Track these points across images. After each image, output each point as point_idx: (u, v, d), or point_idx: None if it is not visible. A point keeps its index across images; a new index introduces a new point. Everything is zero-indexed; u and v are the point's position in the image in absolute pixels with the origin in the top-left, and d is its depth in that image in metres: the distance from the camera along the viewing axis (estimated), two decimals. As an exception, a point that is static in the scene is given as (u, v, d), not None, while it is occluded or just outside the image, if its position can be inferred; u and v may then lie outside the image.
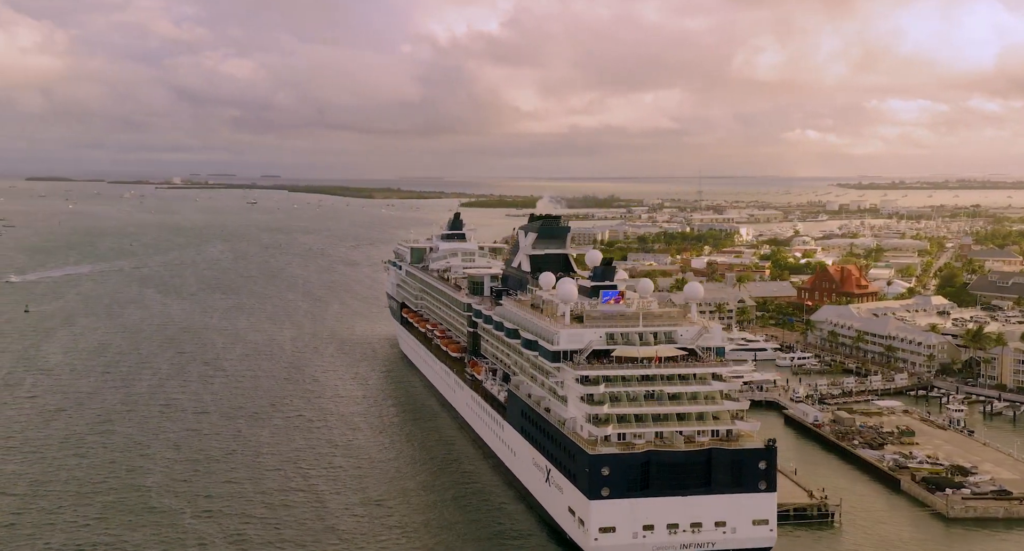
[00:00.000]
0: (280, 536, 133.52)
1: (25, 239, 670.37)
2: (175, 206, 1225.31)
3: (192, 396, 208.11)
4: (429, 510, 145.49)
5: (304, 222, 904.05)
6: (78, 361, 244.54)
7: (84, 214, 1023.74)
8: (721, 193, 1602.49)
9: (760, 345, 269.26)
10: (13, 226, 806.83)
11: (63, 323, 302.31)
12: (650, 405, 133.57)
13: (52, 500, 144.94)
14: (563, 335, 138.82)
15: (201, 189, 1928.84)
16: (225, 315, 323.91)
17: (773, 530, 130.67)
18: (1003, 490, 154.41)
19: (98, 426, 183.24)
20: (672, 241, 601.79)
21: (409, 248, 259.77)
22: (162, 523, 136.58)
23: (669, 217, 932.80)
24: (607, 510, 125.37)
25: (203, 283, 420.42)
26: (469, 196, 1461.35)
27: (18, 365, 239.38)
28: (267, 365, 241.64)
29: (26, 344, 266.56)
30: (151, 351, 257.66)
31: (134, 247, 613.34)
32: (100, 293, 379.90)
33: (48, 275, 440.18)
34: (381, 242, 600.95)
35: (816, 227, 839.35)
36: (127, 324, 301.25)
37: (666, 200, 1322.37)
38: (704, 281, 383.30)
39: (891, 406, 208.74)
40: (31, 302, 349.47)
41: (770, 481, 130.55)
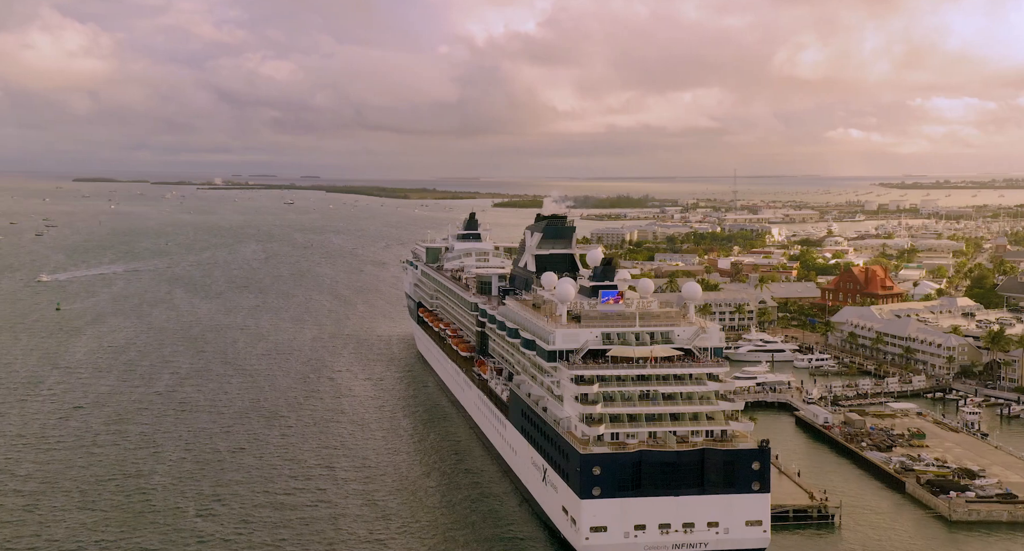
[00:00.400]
0: (280, 536, 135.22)
1: (65, 239, 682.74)
2: (214, 206, 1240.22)
3: (208, 395, 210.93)
4: (431, 509, 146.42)
5: (338, 222, 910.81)
6: (101, 359, 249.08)
7: (125, 214, 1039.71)
8: (758, 193, 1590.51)
9: (778, 346, 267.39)
10: (55, 226, 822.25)
11: (91, 322, 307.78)
12: (644, 405, 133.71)
13: (58, 498, 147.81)
14: (559, 335, 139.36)
15: (241, 190, 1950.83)
16: (250, 314, 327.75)
17: (767, 531, 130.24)
18: (1009, 494, 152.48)
19: (112, 425, 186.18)
20: (701, 241, 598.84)
21: (425, 248, 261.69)
22: (162, 522, 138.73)
23: (702, 217, 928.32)
24: (598, 509, 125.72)
25: (232, 283, 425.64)
26: (503, 196, 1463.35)
27: (43, 362, 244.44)
28: (285, 365, 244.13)
29: (53, 342, 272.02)
30: (173, 350, 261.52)
31: (169, 247, 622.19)
32: (131, 292, 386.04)
33: (79, 274, 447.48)
34: (412, 243, 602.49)
35: (852, 227, 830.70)
36: (153, 323, 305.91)
37: (701, 200, 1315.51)
38: (728, 282, 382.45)
39: (905, 408, 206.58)
40: (63, 300, 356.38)
41: (763, 482, 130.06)
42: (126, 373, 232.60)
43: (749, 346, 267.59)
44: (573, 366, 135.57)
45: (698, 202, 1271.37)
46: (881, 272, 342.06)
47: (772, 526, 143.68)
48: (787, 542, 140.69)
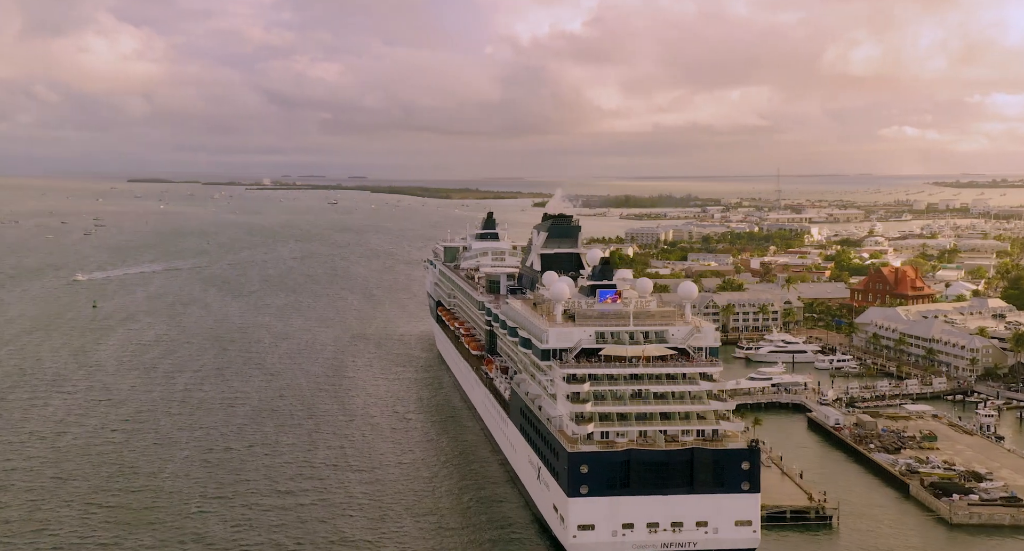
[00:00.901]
0: (276, 532, 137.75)
1: (111, 238, 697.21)
2: (260, 207, 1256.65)
3: (226, 393, 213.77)
4: (432, 509, 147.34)
5: (379, 222, 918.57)
6: (127, 356, 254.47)
7: (173, 214, 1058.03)
8: (805, 192, 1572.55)
9: (799, 347, 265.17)
10: (104, 226, 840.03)
11: (124, 320, 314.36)
12: (635, 404, 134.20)
13: (64, 491, 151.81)
14: (552, 333, 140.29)
15: (288, 190, 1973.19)
16: (277, 314, 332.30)
17: (756, 531, 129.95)
18: (1013, 497, 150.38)
19: (127, 421, 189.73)
20: (737, 241, 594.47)
21: (443, 247, 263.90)
22: (163, 518, 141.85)
23: (743, 216, 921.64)
24: (586, 508, 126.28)
25: (265, 282, 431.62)
26: (545, 195, 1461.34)
27: (72, 358, 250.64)
28: (305, 364, 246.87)
29: (85, 339, 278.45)
30: (198, 349, 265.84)
31: (210, 246, 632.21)
32: (166, 291, 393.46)
33: (116, 273, 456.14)
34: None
35: (897, 227, 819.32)
36: (183, 322, 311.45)
37: (745, 199, 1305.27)
38: (757, 282, 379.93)
39: (921, 410, 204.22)
40: (100, 298, 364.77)
41: (753, 482, 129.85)
42: (149, 370, 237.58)
43: (770, 347, 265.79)
44: (565, 365, 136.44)
45: (741, 201, 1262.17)
46: (912, 273, 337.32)
47: (769, 526, 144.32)
48: (782, 542, 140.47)
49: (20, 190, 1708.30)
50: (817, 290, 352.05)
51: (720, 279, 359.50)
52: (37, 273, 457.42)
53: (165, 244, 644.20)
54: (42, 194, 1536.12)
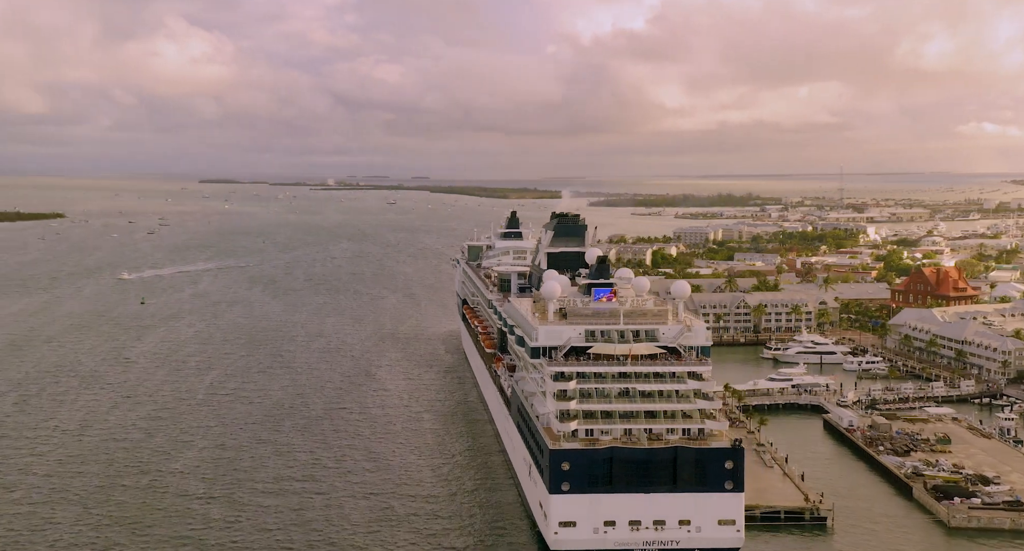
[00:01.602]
0: (271, 527, 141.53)
1: (172, 238, 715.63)
2: (321, 207, 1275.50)
3: (251, 391, 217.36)
4: (433, 503, 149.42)
5: (433, 222, 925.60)
6: (162, 354, 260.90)
7: (236, 214, 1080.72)
8: (872, 191, 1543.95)
9: (829, 348, 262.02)
10: (168, 225, 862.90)
11: (166, 318, 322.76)
12: (620, 402, 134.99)
13: (75, 483, 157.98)
14: (542, 331, 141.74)
15: (351, 190, 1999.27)
16: (315, 313, 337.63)
17: (740, 531, 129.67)
18: (1017, 501, 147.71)
19: (145, 420, 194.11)
20: (788, 241, 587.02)
21: (467, 246, 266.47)
22: (166, 509, 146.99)
23: (802, 216, 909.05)
24: (567, 505, 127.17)
25: (311, 282, 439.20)
26: (602, 195, 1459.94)
27: (109, 356, 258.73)
28: (334, 362, 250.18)
29: (125, 337, 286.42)
30: (232, 348, 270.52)
31: (265, 245, 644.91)
32: (212, 290, 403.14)
33: (164, 272, 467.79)
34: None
35: (961, 226, 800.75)
36: (223, 321, 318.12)
37: (807, 198, 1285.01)
38: (799, 282, 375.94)
39: (941, 413, 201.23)
40: (149, 296, 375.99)
41: (737, 481, 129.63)
42: (179, 368, 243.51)
43: (798, 347, 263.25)
44: (553, 362, 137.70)
45: (803, 200, 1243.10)
46: (954, 273, 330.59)
47: (763, 527, 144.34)
48: (773, 542, 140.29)
49: (96, 190, 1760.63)
50: (857, 291, 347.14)
51: (752, 280, 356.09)
52: (95, 271, 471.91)
53: (222, 243, 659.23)
54: (115, 194, 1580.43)
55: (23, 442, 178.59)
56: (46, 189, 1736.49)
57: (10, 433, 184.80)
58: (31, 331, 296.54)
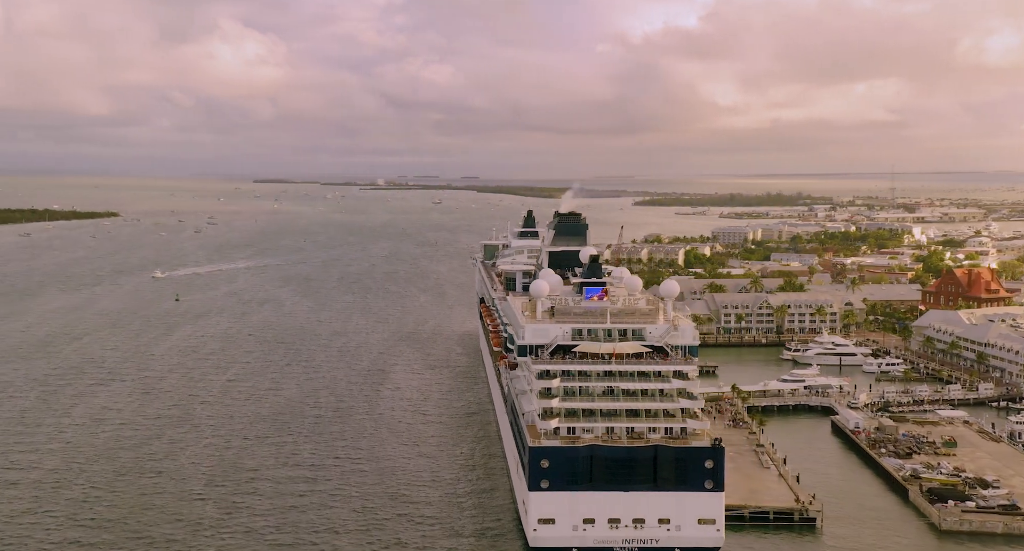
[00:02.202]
0: (261, 522, 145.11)
1: (217, 237, 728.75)
2: (367, 206, 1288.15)
3: (263, 392, 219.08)
4: (426, 500, 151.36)
5: (476, 221, 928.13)
6: (186, 352, 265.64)
7: (283, 213, 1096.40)
8: (927, 190, 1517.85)
9: (849, 350, 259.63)
10: (216, 224, 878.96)
11: (195, 317, 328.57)
12: (603, 400, 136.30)
13: (80, 474, 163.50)
14: (528, 330, 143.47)
15: (399, 190, 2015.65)
16: (341, 312, 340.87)
17: (720, 530, 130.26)
18: (1012, 505, 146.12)
19: (157, 416, 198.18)
20: (829, 241, 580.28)
21: (484, 245, 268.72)
22: (164, 501, 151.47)
23: (850, 215, 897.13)
24: (546, 502, 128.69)
25: (343, 280, 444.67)
26: (650, 194, 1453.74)
27: (134, 352, 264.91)
28: (351, 363, 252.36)
29: (152, 335, 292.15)
30: (254, 347, 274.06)
31: (306, 245, 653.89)
32: (245, 288, 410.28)
33: (199, 271, 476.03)
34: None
35: (1014, 227, 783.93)
36: (249, 320, 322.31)
37: (858, 197, 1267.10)
38: (830, 282, 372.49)
39: (953, 416, 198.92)
40: (182, 293, 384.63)
41: (717, 480, 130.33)
42: (200, 364, 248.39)
43: (818, 348, 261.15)
44: (538, 361, 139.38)
45: (854, 199, 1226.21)
46: (987, 275, 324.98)
47: (752, 526, 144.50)
48: (757, 542, 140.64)
49: (153, 190, 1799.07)
50: (888, 292, 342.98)
51: (786, 280, 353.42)
52: (137, 269, 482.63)
53: (264, 242, 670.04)
54: (171, 194, 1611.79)
55: (37, 435, 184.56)
56: (106, 189, 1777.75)
57: (26, 426, 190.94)
58: (65, 327, 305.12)
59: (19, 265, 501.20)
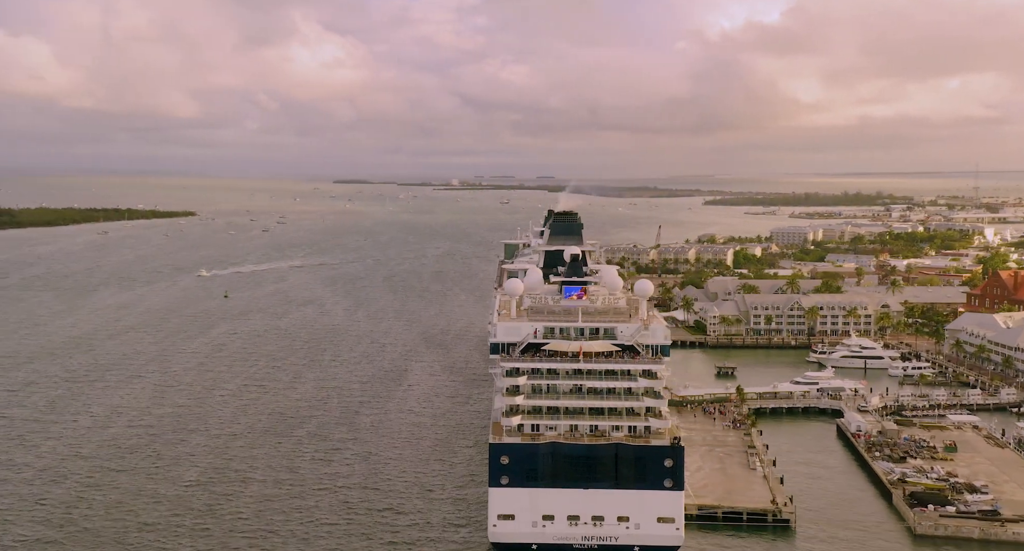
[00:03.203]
0: (244, 516, 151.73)
1: (283, 236, 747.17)
2: (436, 206, 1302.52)
3: (273, 394, 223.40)
4: (404, 499, 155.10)
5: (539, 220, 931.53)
6: (215, 351, 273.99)
7: (353, 213, 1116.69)
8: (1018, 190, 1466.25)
9: (876, 353, 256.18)
10: (285, 224, 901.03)
11: (234, 316, 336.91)
12: (568, 398, 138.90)
13: (85, 465, 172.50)
14: (500, 328, 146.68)
15: (472, 190, 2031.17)
16: (376, 313, 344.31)
17: (680, 529, 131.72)
18: (993, 511, 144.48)
19: (167, 414, 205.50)
20: (892, 242, 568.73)
21: (505, 244, 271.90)
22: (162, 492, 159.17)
23: (926, 216, 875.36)
24: (505, 498, 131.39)
25: (389, 280, 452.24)
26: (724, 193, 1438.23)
27: (167, 350, 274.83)
28: (374, 362, 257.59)
29: (186, 334, 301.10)
30: (281, 346, 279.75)
31: (364, 244, 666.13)
32: (291, 288, 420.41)
33: (243, 270, 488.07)
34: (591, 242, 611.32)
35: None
36: (285, 321, 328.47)
37: (941, 197, 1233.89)
38: (877, 283, 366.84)
39: (964, 420, 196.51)
40: (231, 291, 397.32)
41: (677, 479, 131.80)
42: (225, 363, 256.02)
43: (844, 351, 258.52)
44: (507, 358, 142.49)
45: (936, 199, 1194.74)
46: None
47: (724, 527, 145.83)
48: (723, 541, 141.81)
49: (236, 191, 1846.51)
50: (935, 294, 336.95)
51: (824, 281, 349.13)
52: (195, 267, 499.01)
53: (325, 241, 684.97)
54: (251, 195, 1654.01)
55: (53, 428, 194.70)
56: (192, 190, 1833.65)
57: (44, 420, 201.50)
58: (107, 324, 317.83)
59: (86, 263, 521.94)
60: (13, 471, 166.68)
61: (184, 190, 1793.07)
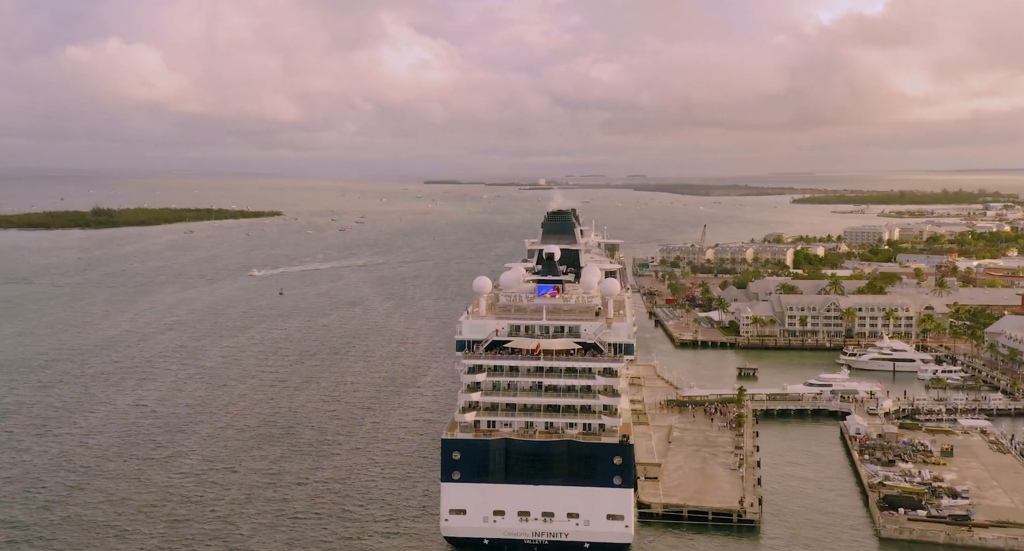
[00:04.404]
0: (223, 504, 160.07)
1: (357, 236, 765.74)
2: (515, 207, 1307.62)
3: (280, 395, 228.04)
4: (365, 495, 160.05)
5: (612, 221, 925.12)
6: (237, 350, 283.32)
7: (432, 214, 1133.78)
8: None
9: (907, 355, 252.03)
10: (363, 223, 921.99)
11: (275, 317, 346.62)
12: (524, 396, 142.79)
13: (88, 456, 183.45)
14: (465, 325, 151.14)
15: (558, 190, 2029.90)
16: (411, 315, 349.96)
17: (629, 526, 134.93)
18: (964, 516, 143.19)
19: (175, 411, 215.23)
20: (972, 242, 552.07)
21: (528, 244, 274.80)
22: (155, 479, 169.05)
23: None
24: (457, 493, 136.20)
25: (439, 281, 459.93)
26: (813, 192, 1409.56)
27: (192, 351, 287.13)
28: (395, 363, 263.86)
29: (219, 335, 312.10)
30: (308, 348, 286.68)
31: (431, 244, 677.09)
32: (342, 288, 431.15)
33: (293, 269, 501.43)
34: (657, 242, 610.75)
35: None
36: (322, 322, 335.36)
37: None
38: (933, 285, 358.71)
39: (974, 425, 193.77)
40: (287, 288, 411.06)
41: (626, 477, 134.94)
42: (239, 366, 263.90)
43: (874, 353, 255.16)
44: (469, 355, 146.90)
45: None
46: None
47: (690, 526, 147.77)
48: (679, 539, 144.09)
49: (330, 191, 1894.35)
50: (989, 296, 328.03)
51: (869, 282, 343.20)
52: (263, 265, 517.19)
53: (393, 241, 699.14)
54: (342, 195, 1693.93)
55: (70, 418, 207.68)
56: (288, 190, 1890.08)
57: (68, 408, 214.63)
58: (153, 323, 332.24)
59: (160, 262, 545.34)
60: (19, 457, 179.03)
61: (280, 191, 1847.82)
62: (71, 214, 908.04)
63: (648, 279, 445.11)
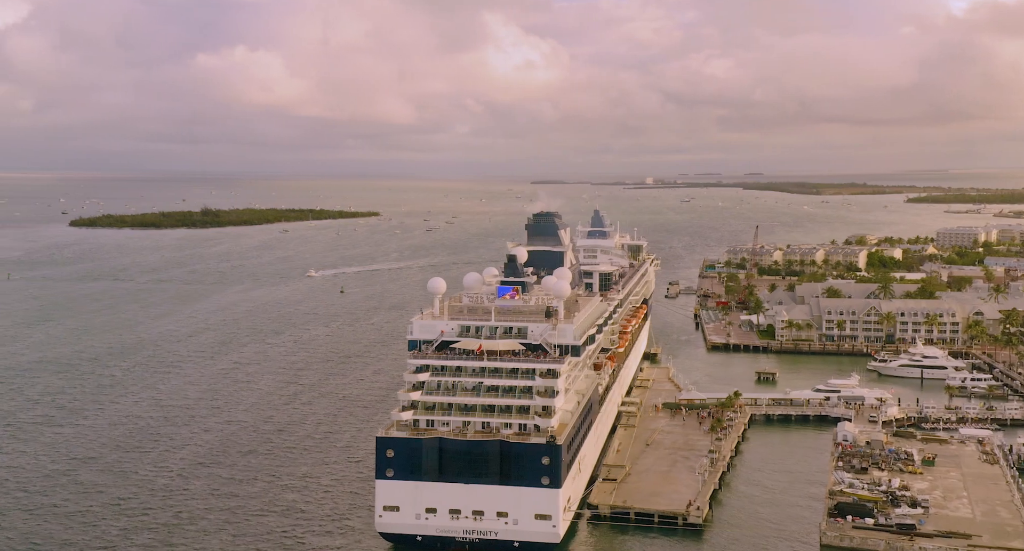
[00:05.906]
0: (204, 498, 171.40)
1: (440, 236, 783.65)
2: (613, 207, 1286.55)
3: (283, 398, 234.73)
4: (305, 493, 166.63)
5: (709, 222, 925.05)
6: (258, 354, 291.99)
7: (519, 214, 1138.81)
8: None
9: (938, 363, 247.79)
10: (452, 224, 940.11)
11: (319, 317, 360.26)
12: (462, 395, 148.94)
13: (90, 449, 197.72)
14: (416, 325, 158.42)
15: (661, 189, 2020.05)
16: None
17: (557, 526, 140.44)
18: (911, 526, 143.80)
19: (180, 410, 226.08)
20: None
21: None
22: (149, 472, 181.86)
23: None
24: (390, 490, 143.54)
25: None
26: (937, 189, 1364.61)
27: (216, 352, 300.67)
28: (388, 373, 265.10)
29: (268, 331, 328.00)
30: (336, 350, 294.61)
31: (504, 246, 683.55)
32: (393, 290, 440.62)
33: (349, 270, 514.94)
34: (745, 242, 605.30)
35: None
36: (361, 325, 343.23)
37: None
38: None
39: (973, 435, 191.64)
40: (346, 286, 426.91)
41: (553, 477, 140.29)
42: (253, 369, 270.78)
43: (905, 359, 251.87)
44: (416, 355, 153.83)
45: None
46: None
47: (634, 527, 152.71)
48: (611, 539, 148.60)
49: (436, 192, 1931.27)
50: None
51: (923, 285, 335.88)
52: (338, 264, 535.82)
53: (471, 242, 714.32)
54: (445, 195, 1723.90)
55: (86, 411, 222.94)
56: (397, 191, 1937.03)
57: (99, 398, 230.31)
58: (202, 323, 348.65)
59: (241, 261, 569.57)
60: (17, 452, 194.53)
61: (389, 191, 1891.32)
62: (180, 214, 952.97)
63: (711, 281, 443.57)
